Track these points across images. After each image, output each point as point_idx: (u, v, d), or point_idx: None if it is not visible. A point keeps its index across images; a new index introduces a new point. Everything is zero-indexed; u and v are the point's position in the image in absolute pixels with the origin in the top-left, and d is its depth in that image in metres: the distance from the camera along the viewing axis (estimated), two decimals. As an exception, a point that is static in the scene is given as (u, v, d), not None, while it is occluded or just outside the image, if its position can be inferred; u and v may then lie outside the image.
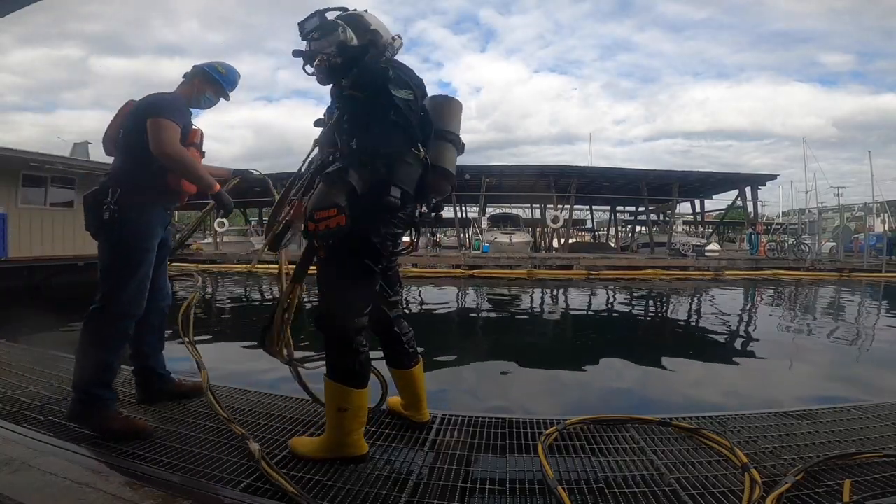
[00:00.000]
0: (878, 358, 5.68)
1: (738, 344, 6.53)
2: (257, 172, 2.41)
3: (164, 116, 1.89)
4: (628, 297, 11.85)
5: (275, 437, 1.80)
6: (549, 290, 12.99)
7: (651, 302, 11.20)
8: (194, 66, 2.16)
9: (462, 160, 1.86)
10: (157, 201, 2.01)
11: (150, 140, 1.86)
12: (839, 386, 4.41)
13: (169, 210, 2.13)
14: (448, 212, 26.03)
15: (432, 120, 1.67)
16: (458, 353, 5.27)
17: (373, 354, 1.69)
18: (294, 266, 1.73)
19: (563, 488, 1.43)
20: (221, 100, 2.22)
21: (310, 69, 1.61)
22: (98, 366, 1.85)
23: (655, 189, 22.98)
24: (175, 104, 1.99)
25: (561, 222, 22.33)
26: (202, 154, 2.15)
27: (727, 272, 16.66)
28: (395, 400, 2.00)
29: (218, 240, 23.60)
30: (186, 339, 2.18)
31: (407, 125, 1.56)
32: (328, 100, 1.70)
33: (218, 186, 2.01)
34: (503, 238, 20.00)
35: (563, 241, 23.34)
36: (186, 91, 2.12)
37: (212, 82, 2.14)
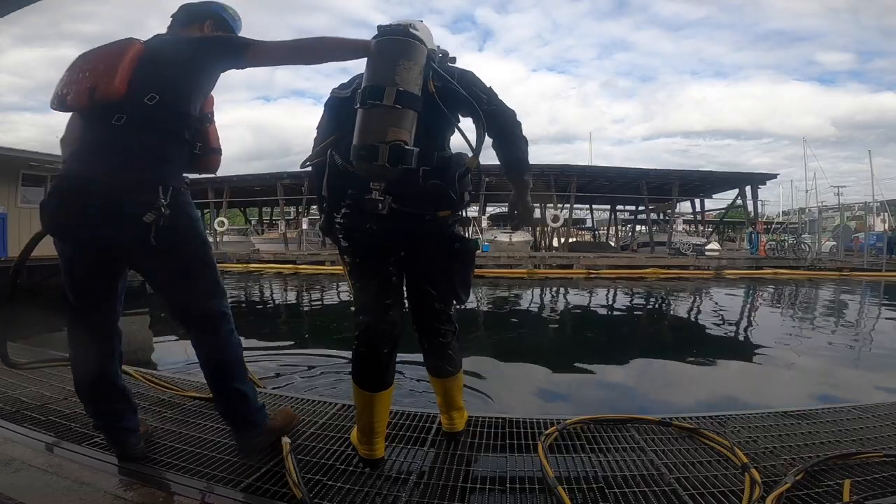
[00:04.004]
0: (879, 357, 5.68)
1: (738, 344, 6.53)
2: None
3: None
4: (628, 296, 11.86)
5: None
6: (549, 290, 12.99)
7: (651, 301, 11.20)
8: (193, 6, 1.64)
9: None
10: None
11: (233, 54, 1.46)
12: (839, 386, 4.41)
13: None
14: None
15: None
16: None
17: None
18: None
19: (564, 488, 1.42)
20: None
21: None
22: (244, 372, 1.62)
23: (655, 188, 23.00)
24: None
25: (561, 221, 22.35)
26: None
27: (727, 271, 16.67)
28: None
29: (218, 239, 23.51)
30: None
31: None
32: (325, 100, 1.69)
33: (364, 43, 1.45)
34: (503, 237, 20.02)
35: (563, 240, 23.37)
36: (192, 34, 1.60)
37: (229, 31, 1.68)
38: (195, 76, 1.48)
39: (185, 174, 1.54)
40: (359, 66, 1.49)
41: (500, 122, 1.52)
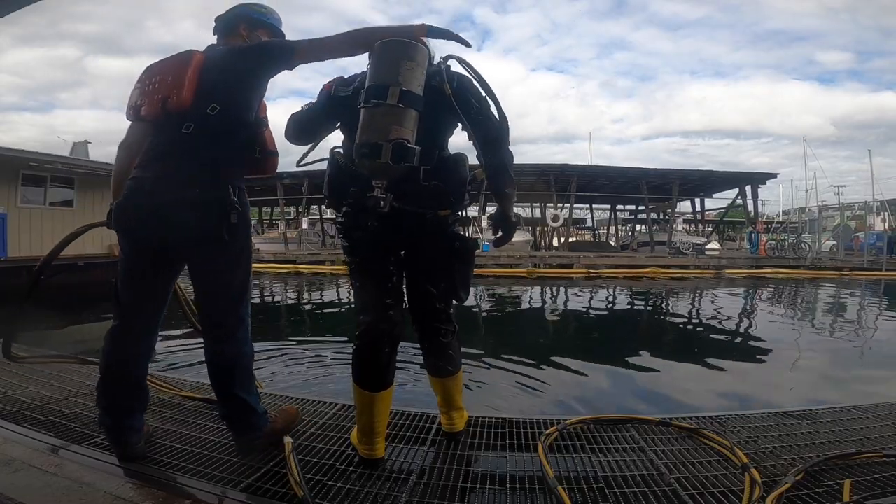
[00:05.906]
0: (879, 357, 5.68)
1: (738, 344, 6.53)
2: None
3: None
4: (628, 296, 11.86)
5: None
6: (549, 290, 13.00)
7: (651, 301, 11.21)
8: (224, 16, 1.67)
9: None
10: None
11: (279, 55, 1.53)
12: (839, 386, 4.42)
13: None
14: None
15: None
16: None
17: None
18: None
19: (563, 488, 1.43)
20: None
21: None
22: (251, 381, 1.66)
23: (655, 188, 22.99)
24: None
25: (561, 221, 22.34)
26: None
27: (727, 271, 16.67)
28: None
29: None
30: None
31: None
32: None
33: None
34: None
35: (563, 239, 23.36)
36: (236, 43, 1.64)
37: (265, 27, 1.69)
38: (248, 84, 1.54)
39: (244, 176, 1.62)
40: (360, 64, 1.51)
41: (485, 132, 1.54)
